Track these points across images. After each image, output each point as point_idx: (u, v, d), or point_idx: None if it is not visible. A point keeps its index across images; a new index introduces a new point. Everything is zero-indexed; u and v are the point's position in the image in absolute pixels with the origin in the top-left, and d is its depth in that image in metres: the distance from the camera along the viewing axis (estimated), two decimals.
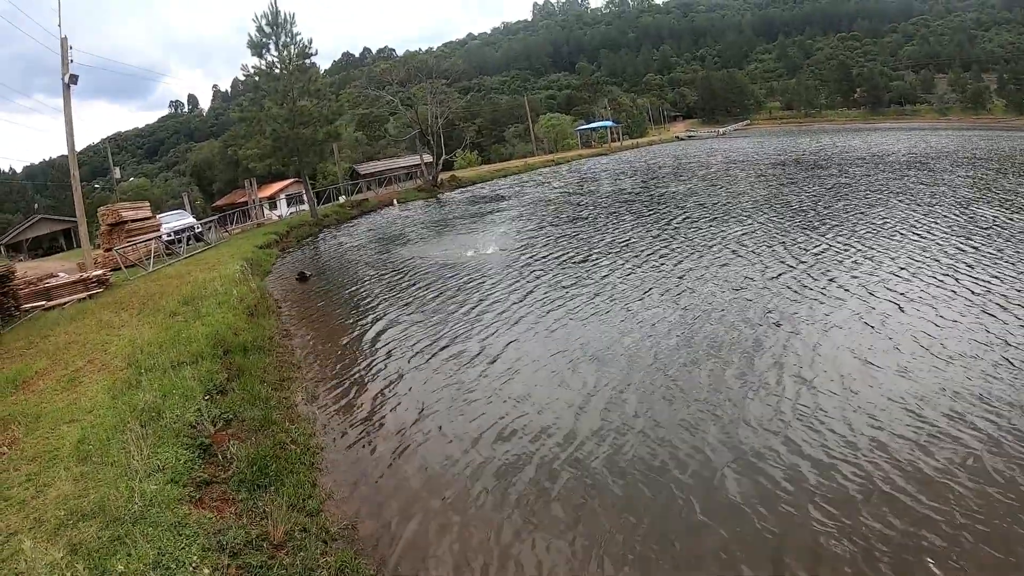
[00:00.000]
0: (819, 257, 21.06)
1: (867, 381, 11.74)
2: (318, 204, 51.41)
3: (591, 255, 24.90)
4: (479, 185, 63.56)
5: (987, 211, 26.28)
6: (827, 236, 24.05)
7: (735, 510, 8.40)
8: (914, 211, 27.58)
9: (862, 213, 28.37)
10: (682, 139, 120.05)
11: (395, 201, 55.71)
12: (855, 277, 18.34)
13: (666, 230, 28.76)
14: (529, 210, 41.32)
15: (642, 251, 24.68)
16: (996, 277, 17.13)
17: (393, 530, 8.65)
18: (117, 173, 73.02)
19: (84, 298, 21.99)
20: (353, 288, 24.46)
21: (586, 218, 35.47)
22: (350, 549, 8.09)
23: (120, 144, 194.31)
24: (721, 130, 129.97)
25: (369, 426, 12.10)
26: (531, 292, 20.08)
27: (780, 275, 19.36)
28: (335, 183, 64.03)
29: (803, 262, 20.51)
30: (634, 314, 17.02)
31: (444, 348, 15.92)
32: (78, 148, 30.26)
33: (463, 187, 63.68)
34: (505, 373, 13.92)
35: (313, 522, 8.46)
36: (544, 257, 25.12)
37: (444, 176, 67.00)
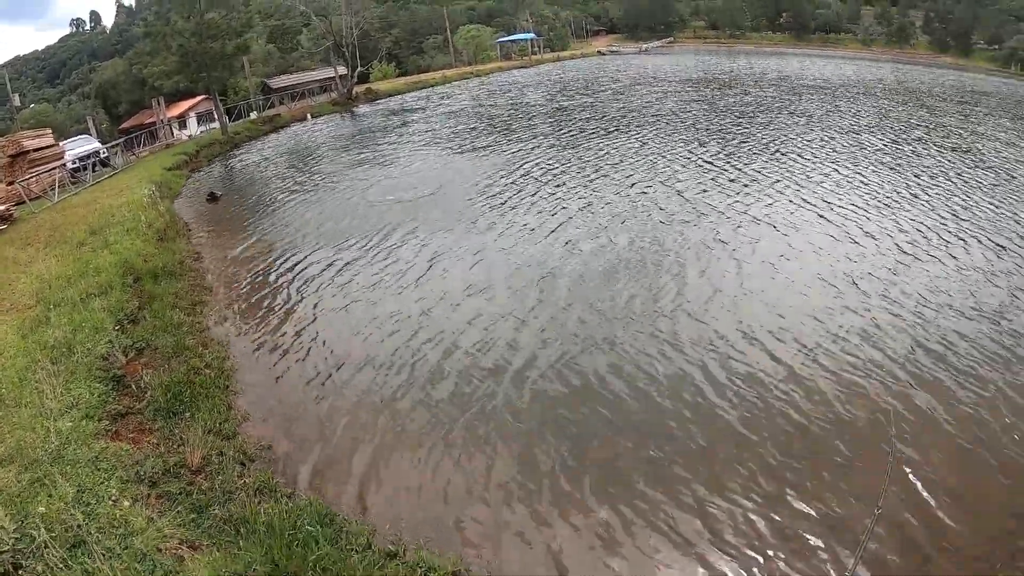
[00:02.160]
0: (695, 172, 22.33)
1: (686, 288, 13.16)
2: (229, 121, 49.62)
3: (483, 167, 25.91)
4: (396, 98, 62.15)
5: (875, 139, 27.56)
6: (708, 151, 25.36)
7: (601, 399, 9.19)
8: (804, 134, 28.78)
9: (751, 132, 29.60)
10: (604, 54, 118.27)
11: (308, 116, 54.16)
12: (724, 194, 19.54)
13: (555, 145, 29.60)
14: (439, 124, 41.20)
15: (525, 165, 25.60)
16: (863, 203, 18.41)
17: (309, 448, 9.10)
18: (16, 100, 68.47)
19: None
20: (264, 206, 24.33)
21: (486, 130, 36.18)
22: (268, 469, 8.48)
23: (19, 69, 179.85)
24: (644, 46, 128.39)
25: (282, 346, 12.47)
26: (431, 212, 20.50)
27: (647, 186, 20.82)
28: (246, 99, 61.68)
29: (677, 179, 21.60)
30: (501, 225, 18.22)
31: (353, 266, 16.40)
32: None
33: (379, 100, 62.12)
34: (420, 286, 14.60)
35: (230, 445, 8.82)
36: (439, 177, 25.44)
37: (359, 89, 64.97)
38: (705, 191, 19.78)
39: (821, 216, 17.25)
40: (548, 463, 8.34)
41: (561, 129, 33.71)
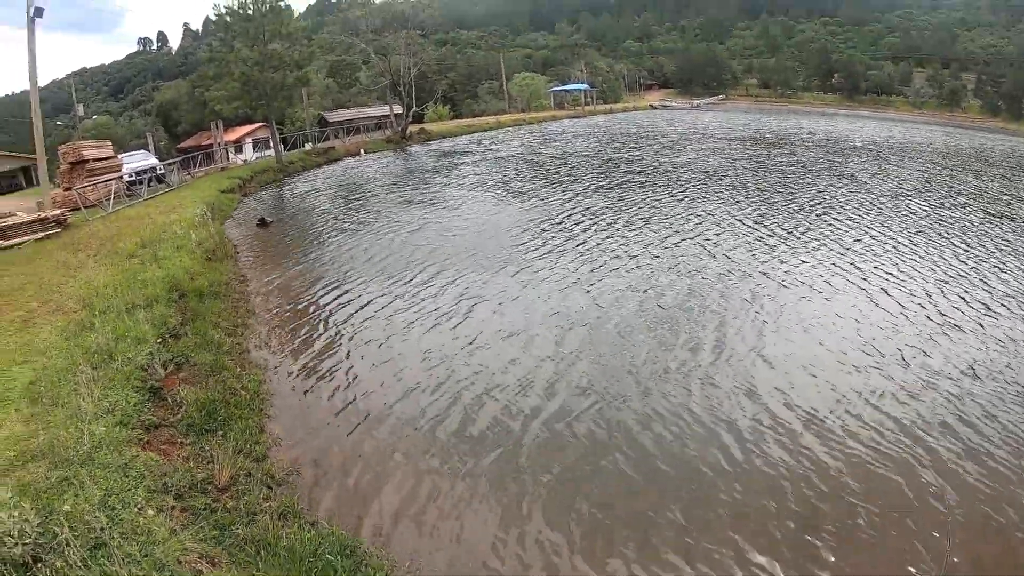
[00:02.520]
0: (730, 231, 22.25)
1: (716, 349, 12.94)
2: (284, 150, 50.71)
3: (524, 215, 26.16)
4: (448, 140, 63.11)
5: (915, 204, 27.21)
6: (746, 211, 25.44)
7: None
8: (845, 196, 28.68)
9: (793, 192, 29.65)
10: (656, 108, 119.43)
11: (362, 151, 55.03)
12: (754, 255, 19.40)
13: (595, 197, 29.74)
14: (487, 168, 41.73)
15: (563, 215, 25.80)
16: (896, 269, 18.15)
17: (335, 478, 9.05)
18: (80, 110, 70.94)
19: (41, 238, 21.64)
20: (312, 236, 24.63)
21: (533, 178, 36.64)
22: (293, 494, 8.43)
23: (85, 80, 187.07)
24: (696, 102, 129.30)
25: (319, 374, 12.51)
26: (469, 256, 20.54)
27: (680, 242, 20.92)
28: (303, 129, 63.07)
29: (708, 238, 21.53)
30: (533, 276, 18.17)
31: (391, 302, 16.42)
32: (41, 83, 29.35)
33: (432, 140, 63.11)
34: (450, 326, 14.60)
35: (258, 467, 8.78)
36: (482, 221, 25.58)
37: (413, 128, 66.01)
38: (737, 251, 19.70)
39: (850, 281, 17.04)
40: (564, 514, 8.21)
41: (604, 181, 33.96)
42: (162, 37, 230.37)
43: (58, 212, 23.93)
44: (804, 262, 18.59)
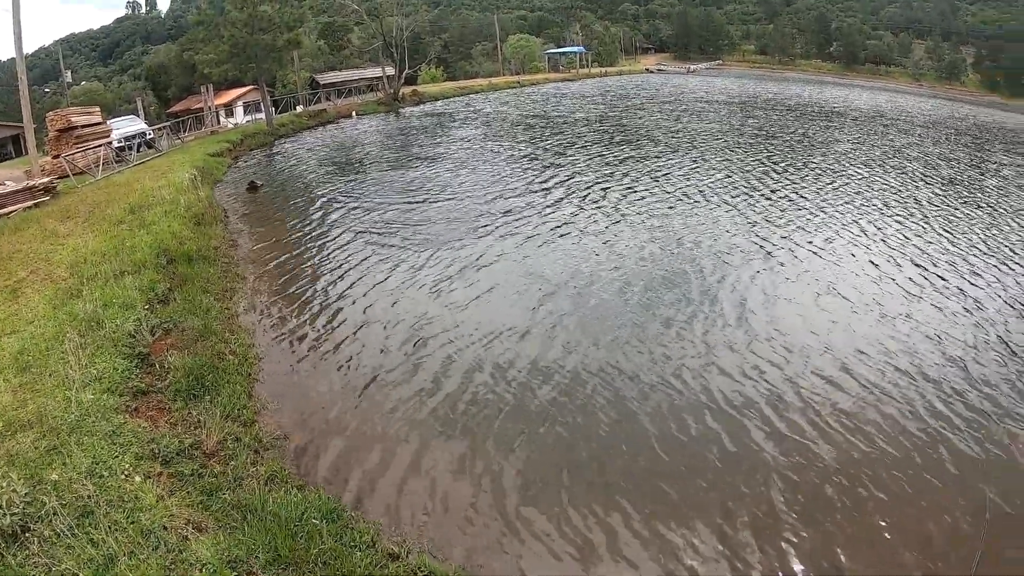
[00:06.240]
0: (687, 183, 23.80)
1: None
2: (276, 113, 50.24)
3: (508, 173, 27.38)
4: (441, 102, 62.80)
5: (861, 168, 28.57)
6: (708, 166, 27.23)
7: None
8: (803, 159, 29.94)
9: (747, 153, 31.42)
10: (652, 72, 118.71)
11: (354, 113, 54.64)
12: (690, 219, 19.99)
13: (568, 150, 31.73)
14: (477, 130, 42.19)
15: (536, 173, 27.00)
16: (839, 231, 18.89)
17: (323, 443, 9.14)
18: (68, 77, 70.36)
19: (30, 207, 21.40)
20: (303, 199, 24.62)
21: (519, 137, 38.00)
22: (281, 459, 8.51)
23: (72, 46, 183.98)
24: (691, 67, 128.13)
25: (308, 338, 12.57)
26: (465, 214, 20.97)
27: (642, 194, 22.48)
28: (294, 92, 62.41)
29: (666, 191, 22.98)
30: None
31: (388, 264, 16.52)
32: (28, 50, 28.91)
33: (425, 102, 62.69)
34: (439, 289, 14.71)
35: (246, 432, 8.85)
36: (474, 181, 25.86)
37: (406, 90, 65.50)
38: (675, 214, 20.54)
39: (771, 245, 17.50)
40: (556, 481, 8.30)
41: (575, 140, 35.95)
42: (151, 0, 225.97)
43: (46, 180, 23.66)
44: (736, 229, 18.92)
